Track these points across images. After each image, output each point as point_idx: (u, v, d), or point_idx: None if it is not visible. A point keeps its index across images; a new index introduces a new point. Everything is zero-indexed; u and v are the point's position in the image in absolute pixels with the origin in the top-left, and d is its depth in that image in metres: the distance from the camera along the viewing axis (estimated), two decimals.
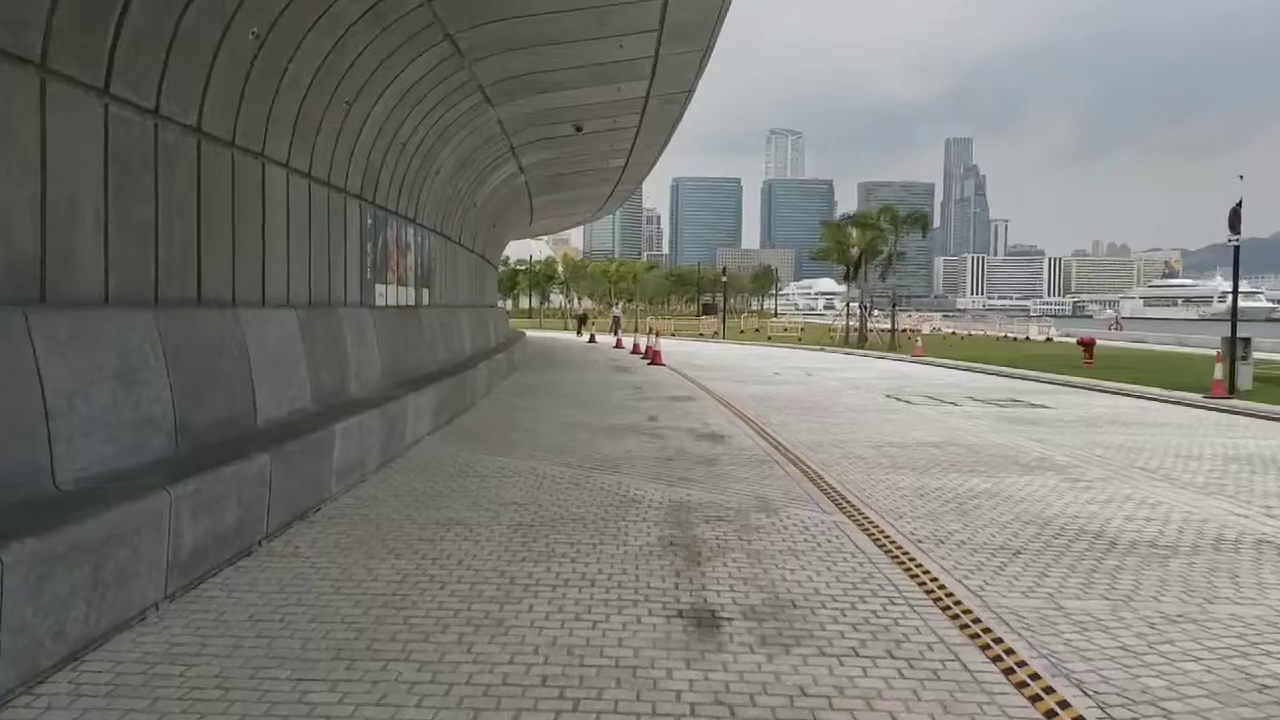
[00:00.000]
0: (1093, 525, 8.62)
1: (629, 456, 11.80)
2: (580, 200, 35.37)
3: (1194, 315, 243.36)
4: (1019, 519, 8.83)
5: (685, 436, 13.79)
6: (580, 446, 12.62)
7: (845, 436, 14.36)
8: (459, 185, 20.55)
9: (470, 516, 8.31)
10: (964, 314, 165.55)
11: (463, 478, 10.24)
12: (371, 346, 13.02)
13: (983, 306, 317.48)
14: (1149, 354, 41.98)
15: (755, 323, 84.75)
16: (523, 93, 16.90)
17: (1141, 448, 13.71)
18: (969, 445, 13.63)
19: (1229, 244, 23.16)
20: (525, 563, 6.83)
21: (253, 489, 6.96)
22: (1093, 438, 14.68)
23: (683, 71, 16.70)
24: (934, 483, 10.62)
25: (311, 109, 11.20)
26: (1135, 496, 10.04)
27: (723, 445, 12.99)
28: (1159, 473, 11.58)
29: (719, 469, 10.97)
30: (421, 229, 18.06)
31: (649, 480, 10.18)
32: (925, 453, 12.85)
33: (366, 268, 14.17)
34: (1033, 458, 12.59)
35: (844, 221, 50.85)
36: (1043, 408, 19.31)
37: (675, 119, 20.81)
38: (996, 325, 72.82)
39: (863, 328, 49.80)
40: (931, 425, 15.96)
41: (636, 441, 13.15)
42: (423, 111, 15.01)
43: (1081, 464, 12.15)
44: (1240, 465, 12.24)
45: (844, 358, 39.74)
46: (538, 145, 21.77)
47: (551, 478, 10.25)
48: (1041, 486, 10.52)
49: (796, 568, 6.82)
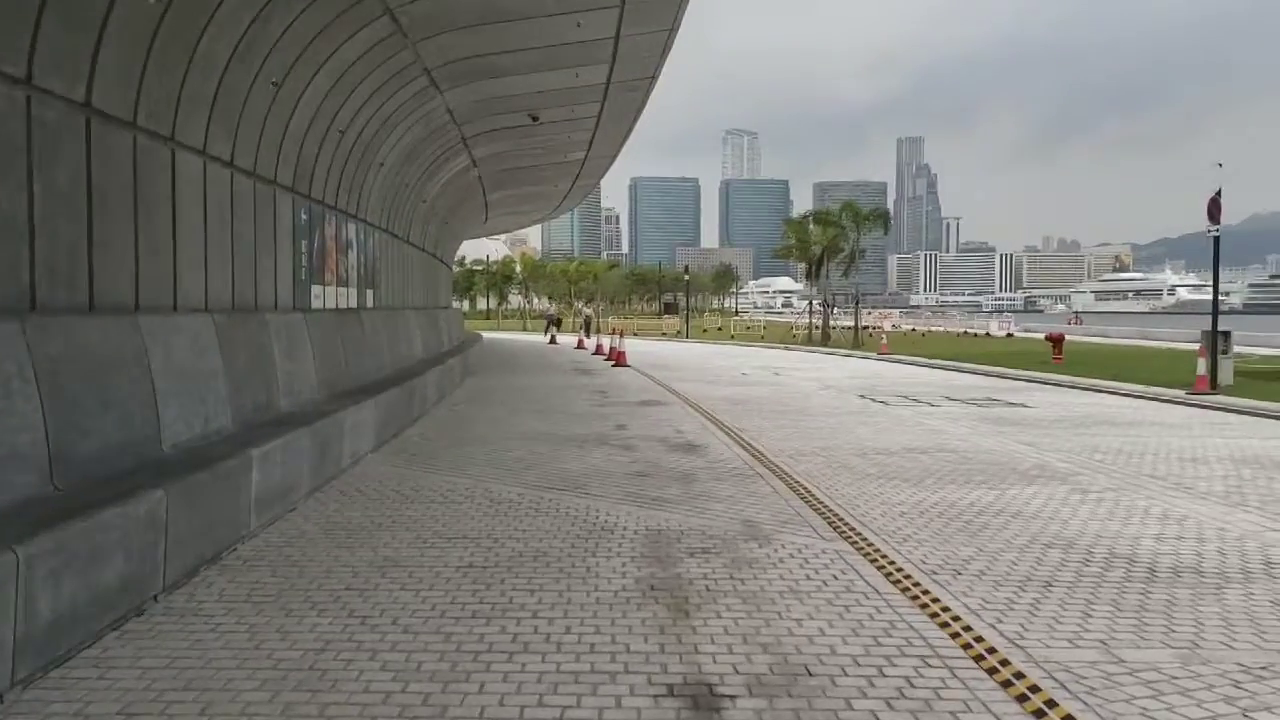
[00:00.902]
0: (1122, 547, 7.61)
1: (597, 473, 10.64)
2: (538, 196, 34.06)
3: (1145, 308, 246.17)
4: (1037, 540, 7.80)
5: (657, 447, 12.66)
6: (542, 462, 11.44)
7: (827, 443, 13.32)
8: (406, 179, 19.28)
9: (412, 556, 7.11)
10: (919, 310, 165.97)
11: (407, 504, 9.02)
12: (305, 355, 11.76)
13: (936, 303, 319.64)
14: (1115, 349, 41.45)
15: (717, 321, 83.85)
16: (473, 77, 15.67)
17: (1142, 451, 12.82)
18: (959, 451, 12.66)
19: (1208, 234, 22.39)
20: (476, 620, 5.64)
21: (143, 534, 5.74)
22: (1087, 440, 13.79)
23: (645, 54, 15.55)
24: (933, 496, 9.59)
25: (232, 90, 9.94)
26: (1155, 510, 9.06)
27: (699, 457, 11.87)
28: (1170, 480, 10.65)
29: (698, 486, 9.84)
30: (365, 225, 16.79)
31: (621, 502, 9.03)
32: (915, 460, 11.84)
33: (300, 268, 12.91)
34: (1030, 465, 11.62)
35: (806, 219, 49.96)
36: (1023, 406, 18.47)
37: (637, 108, 19.65)
38: (957, 321, 72.41)
39: (825, 326, 48.97)
40: (914, 428, 14.98)
41: (604, 454, 11.99)
42: (362, 96, 13.76)
43: (1085, 471, 11.20)
44: (1254, 470, 11.34)
45: (809, 356, 38.85)
46: (491, 136, 20.53)
47: (509, 502, 9.06)
48: (1050, 499, 9.52)
49: (804, 616, 5.70)
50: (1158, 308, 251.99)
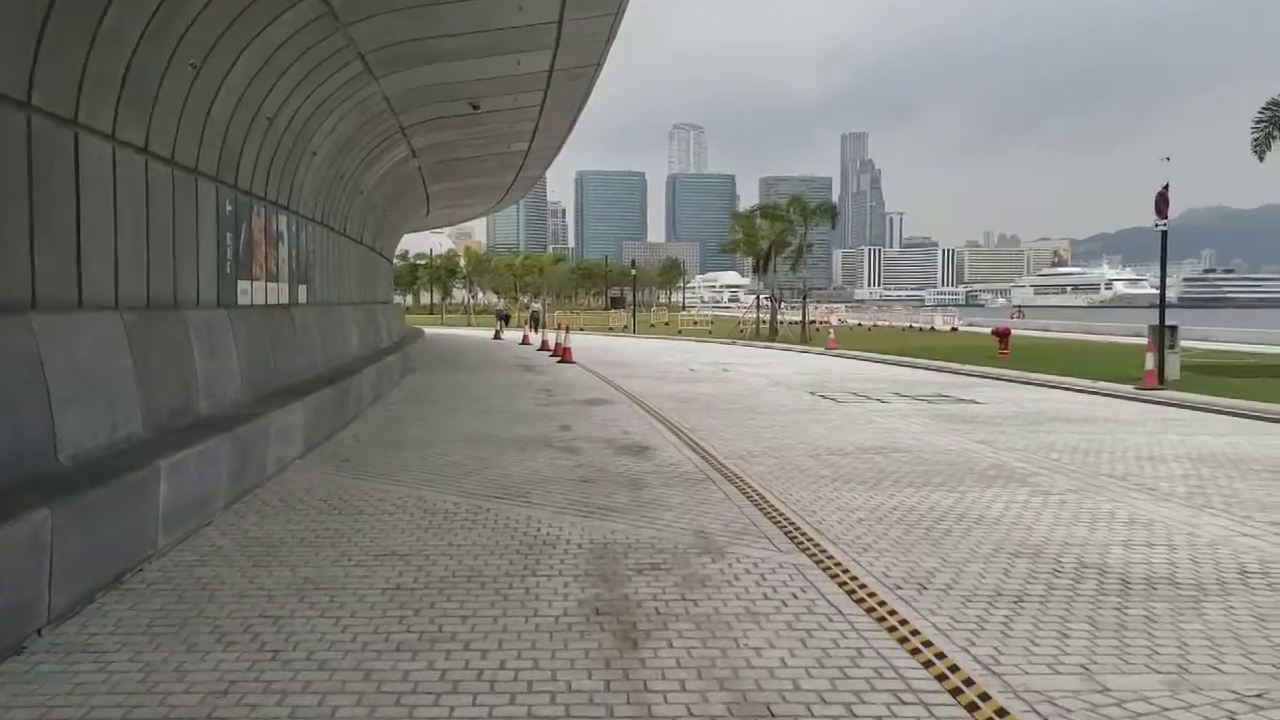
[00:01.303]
0: (1091, 555, 7.24)
1: (539, 479, 10.09)
2: (480, 188, 33.30)
3: (1082, 302, 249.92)
4: (1002, 549, 7.40)
5: (604, 450, 12.13)
6: (481, 467, 10.86)
7: (778, 442, 12.90)
8: (342, 169, 18.54)
9: (335, 576, 6.52)
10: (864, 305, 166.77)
11: (333, 515, 8.41)
12: (229, 355, 11.07)
13: (880, 297, 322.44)
14: (1058, 343, 41.65)
15: (665, 316, 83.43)
16: (410, 63, 15.01)
17: (1099, 449, 12.56)
18: (913, 451, 12.30)
19: (1155, 228, 22.34)
20: (401, 654, 5.08)
21: (22, 560, 5.11)
22: (1042, 438, 13.52)
23: (590, 40, 14.99)
24: (890, 500, 9.18)
25: (145, 71, 9.24)
26: (1121, 513, 8.73)
27: (647, 460, 11.36)
28: (1131, 480, 10.35)
29: (647, 493, 9.33)
30: (297, 218, 16.05)
31: (564, 511, 8.50)
32: (869, 461, 11.45)
33: (226, 262, 12.19)
34: (987, 465, 11.28)
35: (753, 213, 49.65)
36: (974, 403, 18.24)
37: (582, 97, 19.07)
38: (902, 316, 72.70)
39: (773, 320, 48.74)
40: (866, 427, 14.63)
41: (548, 458, 11.44)
42: (292, 81, 13.05)
43: (1044, 471, 10.88)
44: (1213, 469, 11.10)
45: (757, 351, 38.57)
46: (431, 125, 19.84)
47: (444, 512, 8.48)
48: (1011, 503, 9.16)
49: (763, 644, 5.21)
50: (1095, 302, 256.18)
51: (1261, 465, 11.37)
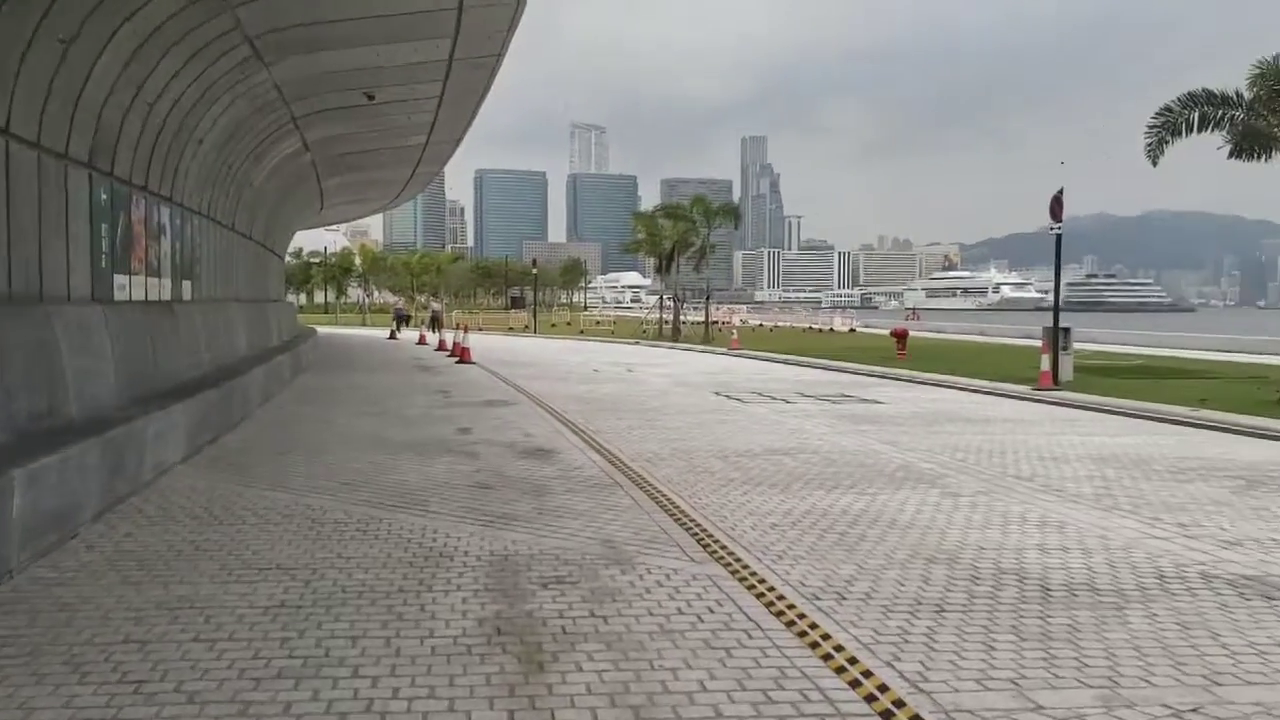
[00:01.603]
0: (1008, 561, 7.08)
1: (436, 485, 9.59)
2: (377, 183, 32.38)
3: (971, 305, 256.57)
4: (918, 554, 7.20)
5: (505, 453, 11.66)
6: (375, 472, 10.31)
7: (686, 444, 12.61)
8: (230, 161, 17.69)
9: (212, 594, 5.97)
10: (764, 305, 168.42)
11: (214, 526, 7.81)
12: (103, 353, 10.32)
13: (779, 299, 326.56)
14: (952, 344, 42.45)
15: (567, 316, 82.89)
16: (302, 48, 14.32)
17: (1002, 449, 12.57)
18: (821, 452, 12.15)
19: (1050, 232, 22.76)
20: (282, 681, 4.58)
21: None
22: (945, 438, 13.51)
23: (491, 28, 14.48)
24: (802, 504, 8.94)
25: (3, 42, 8.50)
26: (1032, 516, 8.64)
27: (550, 464, 10.93)
28: (1038, 482, 10.32)
29: (551, 499, 8.91)
30: (181, 210, 15.21)
31: (463, 520, 8.03)
32: (778, 463, 11.23)
33: (101, 255, 11.39)
34: (895, 466, 11.16)
35: (656, 213, 49.48)
36: (875, 403, 18.28)
37: (483, 89, 18.52)
38: (803, 317, 73.48)
39: (676, 321, 48.67)
40: (773, 427, 14.45)
41: (446, 463, 10.93)
42: (174, 64, 12.30)
43: (951, 472, 10.80)
44: (1116, 470, 11.15)
45: (661, 352, 38.38)
46: (325, 117, 19.09)
47: (335, 522, 7.95)
48: (923, 505, 9.01)
49: (679, 664, 4.85)
50: (983, 304, 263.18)
51: (1162, 466, 11.46)
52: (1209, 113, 17.67)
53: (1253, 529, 8.18)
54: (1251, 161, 17.40)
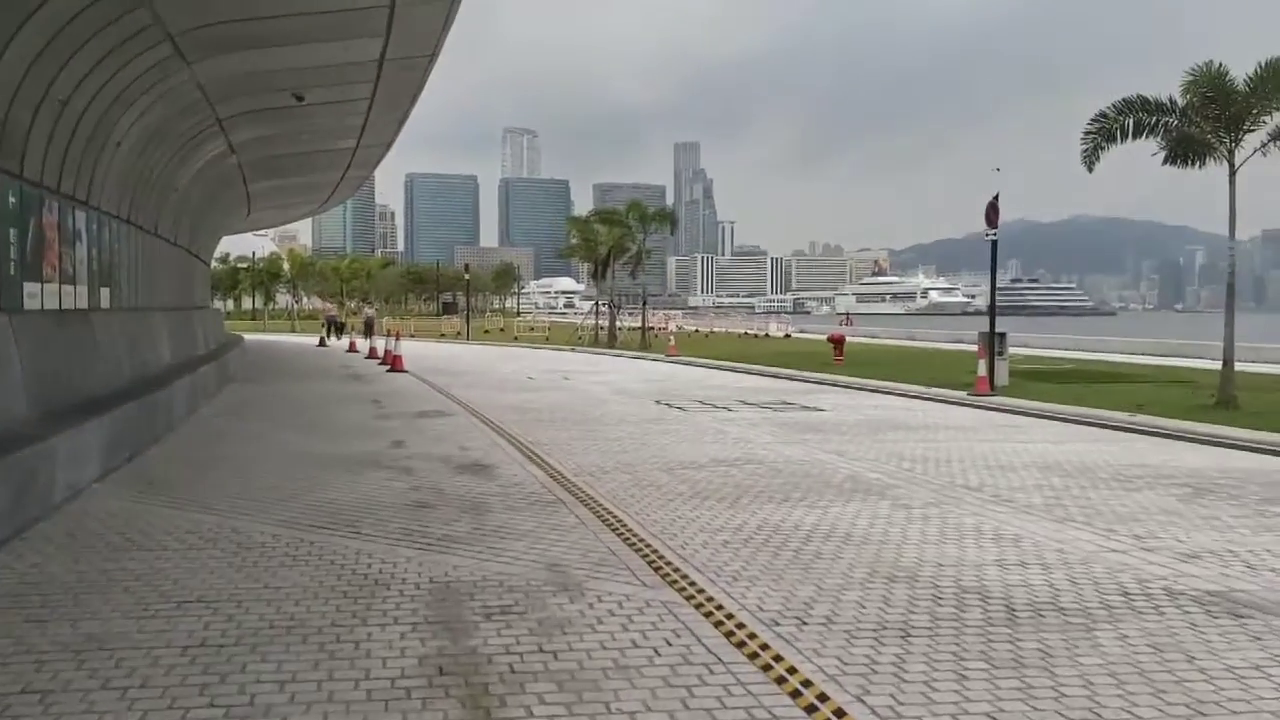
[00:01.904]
0: (968, 578, 6.86)
1: (369, 504, 9.13)
2: (305, 188, 31.59)
3: (900, 310, 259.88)
4: (877, 573, 6.95)
5: (441, 469, 11.21)
6: (304, 490, 9.81)
7: (629, 457, 12.28)
8: (152, 164, 16.98)
9: (124, 631, 5.48)
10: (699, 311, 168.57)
11: (131, 553, 7.28)
12: (10, 366, 9.69)
13: (713, 304, 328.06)
14: (887, 349, 42.60)
15: (500, 322, 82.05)
16: (227, 46, 13.72)
17: (947, 458, 12.44)
18: (767, 462, 11.92)
19: (985, 238, 22.86)
20: None
21: None
22: (889, 447, 13.38)
23: (424, 27, 14.01)
24: (752, 519, 8.67)
25: None
26: (986, 528, 8.46)
27: (489, 479, 10.52)
28: (988, 492, 10.17)
29: (491, 518, 8.49)
30: (99, 214, 14.51)
31: (399, 543, 7.60)
32: (724, 475, 10.96)
33: (9, 262, 10.73)
34: (843, 477, 10.95)
35: (591, 218, 49.11)
36: (817, 410, 18.15)
37: (415, 90, 18.01)
38: (738, 322, 73.61)
39: (612, 327, 48.34)
40: (716, 437, 14.20)
41: (379, 480, 10.45)
42: (88, 61, 11.67)
43: (899, 483, 10.61)
44: (1063, 478, 11.07)
45: (598, 358, 38.01)
46: (252, 119, 18.44)
47: (262, 546, 7.46)
48: (875, 519, 8.78)
49: (639, 706, 4.48)
50: (911, 309, 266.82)
51: (1108, 473, 11.40)
52: (1144, 119, 17.79)
53: (1208, 540, 8.06)
54: (1186, 168, 17.55)
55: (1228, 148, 17.30)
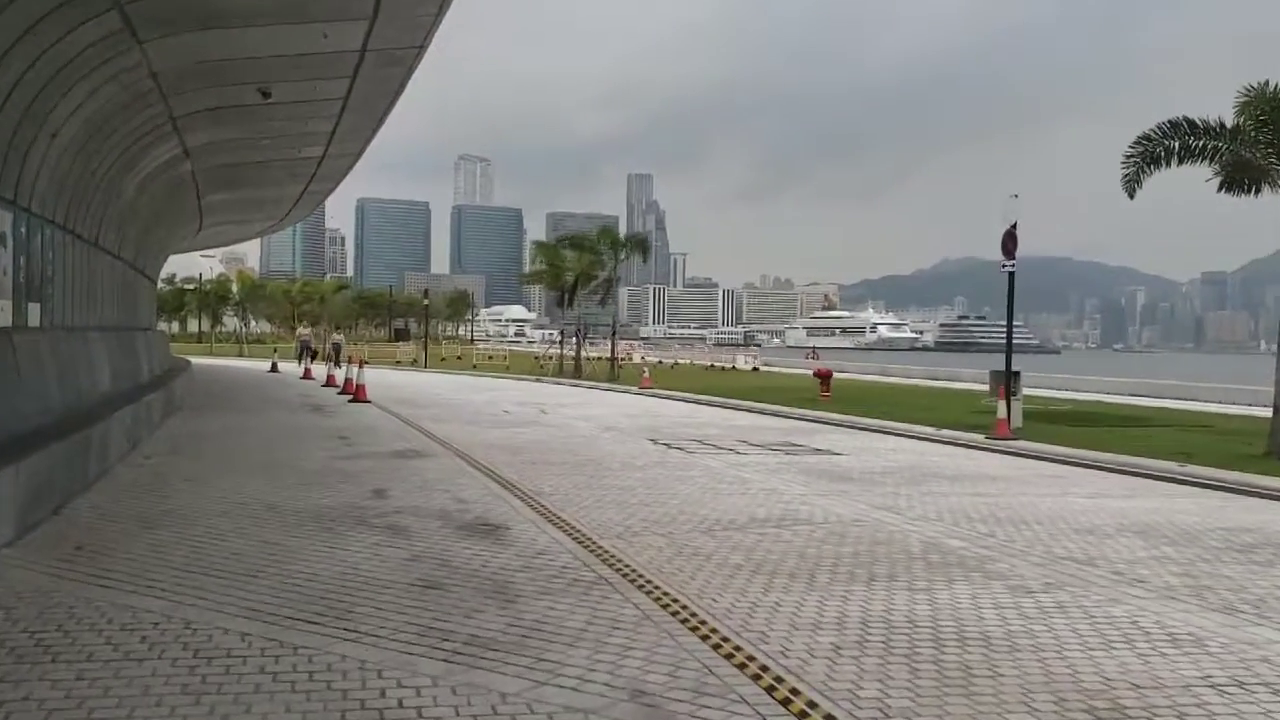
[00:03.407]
0: (1195, 714, 5.09)
1: (361, 582, 7.14)
2: (263, 202, 29.35)
3: (850, 344, 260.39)
4: (1066, 703, 5.16)
5: (439, 528, 9.21)
6: (273, 560, 7.79)
7: (653, 512, 10.43)
8: (93, 163, 14.87)
9: None
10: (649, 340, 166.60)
11: (40, 667, 5.25)
12: None
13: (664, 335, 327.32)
14: (868, 385, 41.04)
15: (456, 350, 79.74)
16: (185, 24, 11.73)
17: (1019, 518, 10.78)
18: (816, 522, 10.17)
19: (1001, 271, 21.34)
20: None
21: None
22: (943, 502, 11.73)
23: (417, 10, 12.14)
24: (850, 608, 6.87)
25: None
26: (1145, 623, 6.76)
27: (504, 545, 8.55)
28: (1103, 566, 8.49)
29: (525, 608, 6.53)
30: (29, 217, 12.39)
31: (411, 649, 5.63)
32: (777, 539, 9.19)
33: None
34: (919, 544, 9.20)
35: (561, 243, 47.19)
36: (834, 454, 16.46)
37: (395, 90, 16.06)
38: (704, 354, 71.96)
39: (578, 357, 46.42)
40: (741, 487, 12.45)
41: (366, 544, 8.45)
42: (14, 29, 9.66)
43: (991, 553, 8.88)
44: (1171, 545, 9.51)
45: (568, 390, 36.06)
46: (210, 119, 16.40)
47: (226, 655, 5.46)
48: (999, 608, 7.03)
49: None
50: (861, 344, 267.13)
51: (1217, 540, 9.81)
52: (1191, 143, 16.36)
53: None
54: (1240, 195, 16.15)
55: None
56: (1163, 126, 16.74)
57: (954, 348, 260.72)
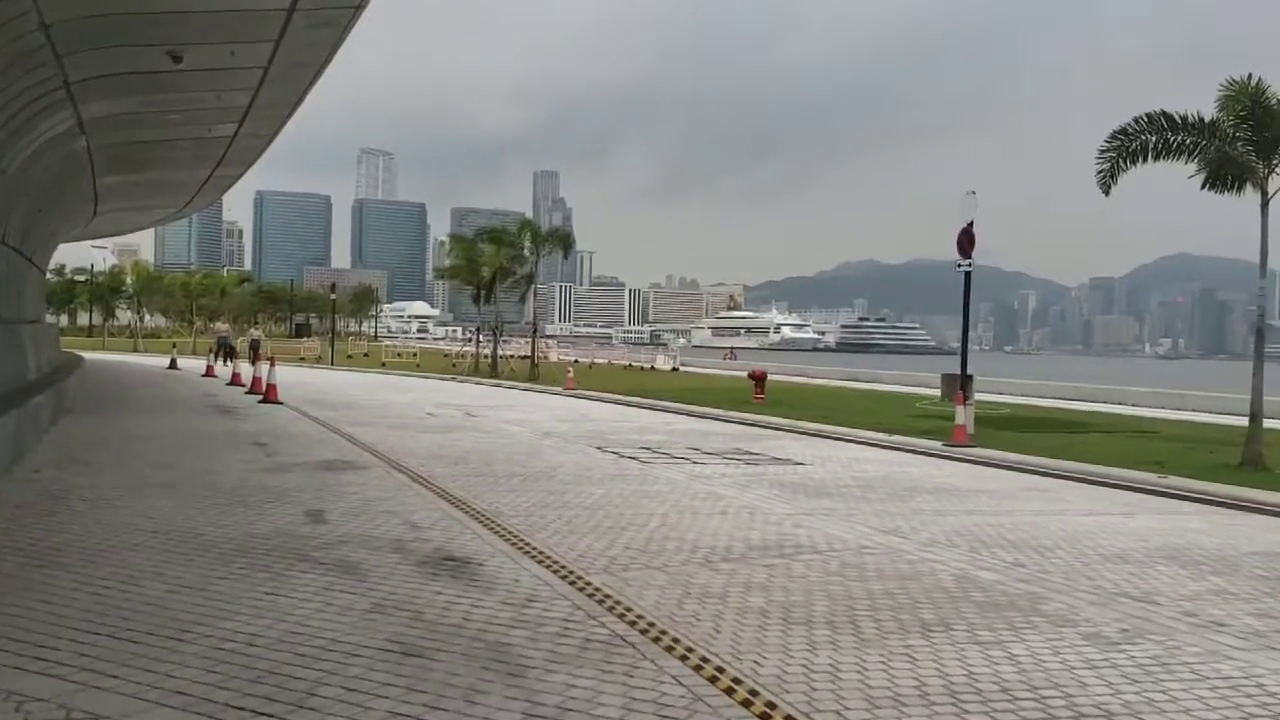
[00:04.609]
0: None
1: (316, 647, 5.62)
2: (165, 187, 27.04)
3: (755, 344, 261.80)
4: None
5: (400, 565, 7.70)
6: (199, 615, 6.20)
7: (635, 538, 9.16)
8: None
9: None
10: (554, 338, 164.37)
11: None
12: None
13: (570, 333, 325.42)
14: (796, 387, 40.11)
15: (363, 347, 77.10)
16: None
17: (1037, 543, 9.83)
18: (821, 550, 9.07)
19: (957, 270, 20.48)
20: None
21: None
22: (945, 523, 10.77)
23: None
24: (925, 674, 5.71)
25: None
26: (1269, 684, 5.66)
27: (482, 589, 7.08)
28: (1167, 606, 7.50)
29: (539, 685, 5.05)
30: None
31: None
32: (788, 573, 8.06)
33: None
34: (949, 576, 8.14)
35: (479, 236, 45.36)
36: (796, 464, 15.52)
37: (324, 58, 14.31)
38: (623, 354, 70.64)
39: (494, 355, 44.77)
40: (712, 504, 11.39)
41: (313, 588, 6.89)
42: None
43: (1036, 588, 7.84)
44: (1216, 575, 8.74)
45: (488, 390, 34.47)
46: (110, 86, 14.51)
47: None
48: (1091, 665, 5.94)
49: None
50: (765, 344, 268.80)
51: (1260, 568, 9.05)
52: (1170, 139, 15.65)
53: None
54: (1223, 193, 15.50)
55: (1262, 173, 15.31)
56: (1139, 121, 16.01)
57: (854, 349, 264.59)
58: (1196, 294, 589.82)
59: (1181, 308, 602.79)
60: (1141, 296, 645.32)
